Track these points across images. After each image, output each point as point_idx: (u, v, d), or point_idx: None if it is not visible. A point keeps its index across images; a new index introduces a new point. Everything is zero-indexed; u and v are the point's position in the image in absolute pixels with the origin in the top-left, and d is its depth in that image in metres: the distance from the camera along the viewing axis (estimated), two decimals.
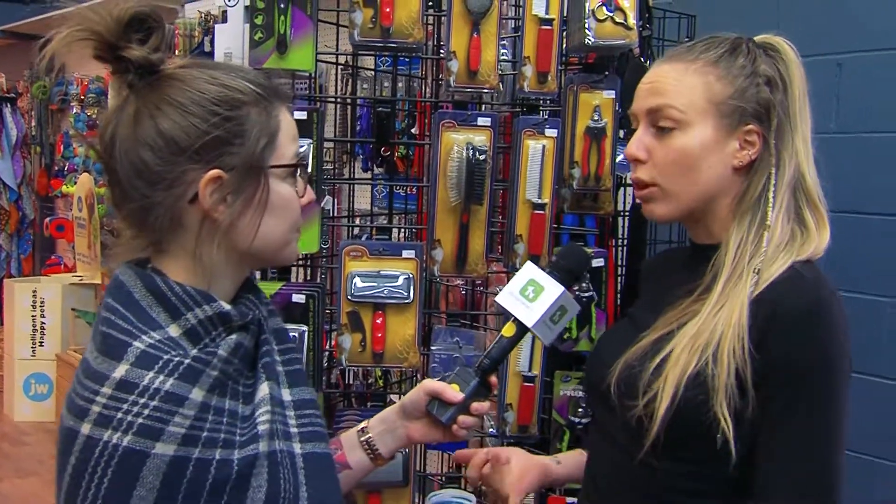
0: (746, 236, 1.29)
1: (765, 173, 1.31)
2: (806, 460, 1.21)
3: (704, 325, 1.25)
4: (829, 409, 1.22)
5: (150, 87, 1.10)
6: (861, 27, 2.63)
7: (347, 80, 3.41)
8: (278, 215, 1.14)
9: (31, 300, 5.92)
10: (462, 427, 1.39)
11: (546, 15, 2.05)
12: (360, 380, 3.15)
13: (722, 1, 2.94)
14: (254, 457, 1.06)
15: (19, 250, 7.95)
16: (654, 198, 1.35)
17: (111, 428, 0.99)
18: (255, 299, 1.20)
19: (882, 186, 2.59)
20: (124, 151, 1.08)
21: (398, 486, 2.02)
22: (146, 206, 1.08)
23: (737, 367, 1.21)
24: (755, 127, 1.30)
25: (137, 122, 1.08)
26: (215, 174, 1.08)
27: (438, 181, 2.01)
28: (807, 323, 1.21)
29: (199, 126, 1.07)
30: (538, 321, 1.37)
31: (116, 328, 1.05)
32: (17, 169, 7.77)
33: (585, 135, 2.10)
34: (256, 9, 1.95)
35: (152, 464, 0.99)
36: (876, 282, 2.58)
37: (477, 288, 2.84)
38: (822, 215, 1.32)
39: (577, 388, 2.19)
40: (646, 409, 1.24)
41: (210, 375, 1.05)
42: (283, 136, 1.14)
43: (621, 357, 1.32)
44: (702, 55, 1.32)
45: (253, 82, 1.13)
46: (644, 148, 1.33)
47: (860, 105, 2.62)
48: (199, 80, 1.10)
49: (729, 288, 1.26)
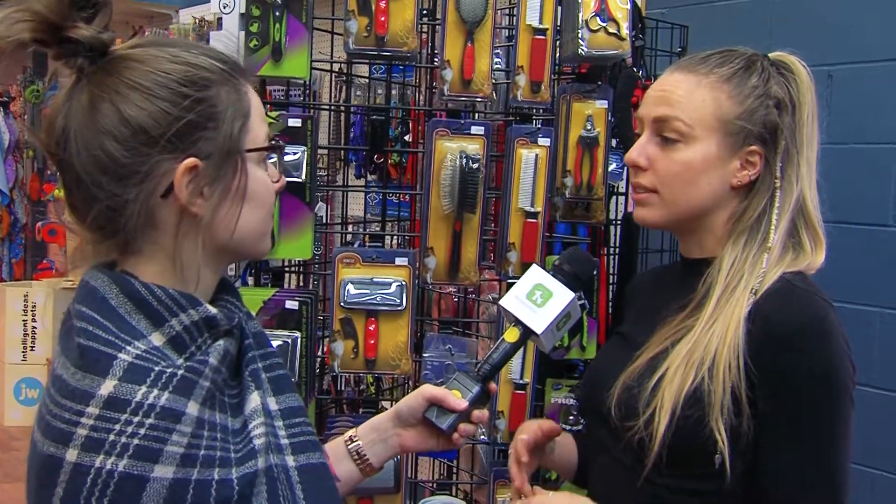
0: (742, 255, 1.29)
1: (765, 195, 1.31)
2: (813, 471, 1.20)
3: (698, 341, 1.24)
4: (833, 419, 1.21)
5: (104, 71, 0.98)
6: (852, 39, 2.65)
7: (341, 87, 3.42)
8: (255, 204, 1.04)
9: (22, 304, 5.89)
10: (462, 435, 1.32)
11: (539, 25, 2.07)
12: (351, 386, 3.15)
13: (714, 12, 2.96)
14: (253, 475, 0.97)
15: (11, 254, 7.92)
16: (650, 203, 1.34)
17: (103, 452, 0.88)
18: (234, 301, 1.11)
19: (873, 197, 2.60)
20: (83, 144, 0.96)
21: (390, 492, 2.02)
22: (115, 206, 0.97)
23: (732, 383, 1.20)
24: (758, 148, 1.30)
25: (95, 109, 0.96)
26: (191, 163, 0.97)
27: (432, 189, 2.02)
28: (802, 335, 1.21)
29: (168, 111, 0.96)
30: (547, 327, 1.32)
31: (96, 339, 0.93)
32: (10, 173, 7.74)
33: (578, 144, 2.11)
34: (252, 16, 1.95)
35: (152, 489, 0.88)
36: (866, 292, 2.59)
37: (469, 295, 2.84)
38: (819, 237, 1.32)
39: (569, 396, 2.19)
40: (646, 430, 1.23)
41: (203, 387, 0.95)
42: (255, 117, 1.04)
43: (619, 378, 1.31)
44: (716, 69, 1.31)
45: (217, 59, 1.02)
46: (646, 156, 1.33)
47: (851, 116, 2.64)
48: (160, 59, 0.98)
49: (722, 304, 1.26)
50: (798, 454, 1.20)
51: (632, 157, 1.34)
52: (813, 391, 1.20)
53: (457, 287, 2.72)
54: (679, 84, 1.32)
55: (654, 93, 1.34)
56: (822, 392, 1.20)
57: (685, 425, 1.21)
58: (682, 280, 1.37)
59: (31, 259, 7.96)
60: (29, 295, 5.92)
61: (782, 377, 1.20)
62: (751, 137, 1.30)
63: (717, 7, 2.99)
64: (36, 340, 5.89)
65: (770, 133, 1.30)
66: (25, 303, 5.90)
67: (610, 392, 1.31)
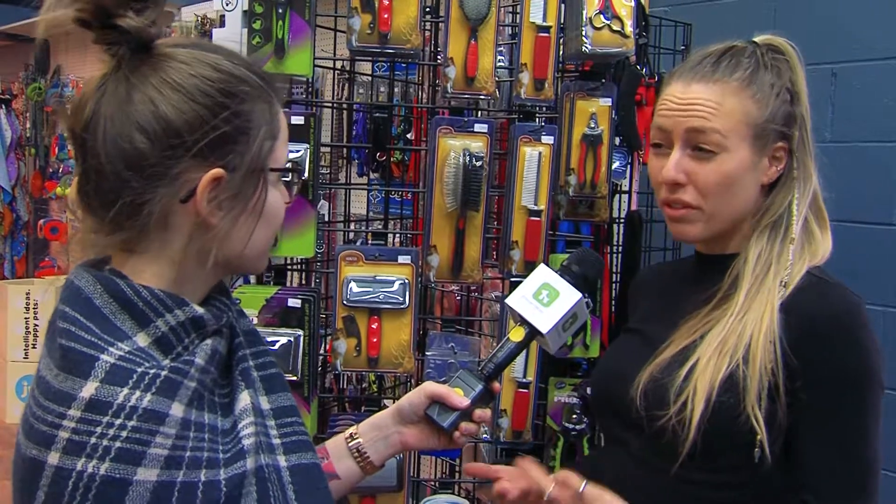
0: (768, 247, 1.30)
1: (791, 188, 1.32)
2: (851, 463, 1.22)
3: (731, 329, 1.25)
4: (871, 411, 1.24)
5: (146, 65, 0.97)
6: (856, 37, 2.64)
7: (344, 85, 3.42)
8: (267, 222, 1.04)
9: (24, 302, 5.90)
10: (463, 434, 1.31)
11: (543, 22, 2.06)
12: (353, 385, 3.15)
13: (718, 10, 2.95)
14: (241, 476, 0.95)
15: (13, 252, 7.93)
16: (693, 220, 1.33)
17: (84, 455, 0.87)
18: (225, 300, 1.09)
19: (876, 195, 2.60)
20: (112, 132, 0.94)
21: (392, 490, 2.02)
22: (136, 203, 0.95)
23: (770, 369, 1.21)
24: (783, 144, 1.32)
25: (130, 101, 0.95)
26: (217, 174, 0.96)
27: (435, 187, 2.02)
28: (844, 328, 1.23)
29: (205, 118, 0.95)
30: (553, 327, 1.30)
31: (79, 341, 0.92)
32: (12, 171, 7.75)
33: (582, 142, 2.10)
34: (255, 13, 1.95)
35: (135, 492, 0.87)
36: (870, 290, 2.57)
37: (472, 294, 2.84)
38: (825, 223, 1.34)
39: (572, 395, 2.19)
40: (678, 417, 1.22)
41: (188, 387, 0.94)
42: (282, 139, 1.05)
43: (643, 370, 1.30)
44: (733, 74, 1.31)
45: (258, 75, 1.02)
46: (683, 171, 1.31)
47: (855, 114, 2.64)
48: (203, 64, 0.98)
49: (752, 294, 1.27)
50: (830, 446, 1.22)
51: (670, 175, 1.31)
52: (856, 379, 1.23)
53: (460, 285, 2.71)
54: (705, 95, 1.30)
55: (679, 105, 1.32)
56: (863, 381, 1.23)
57: (721, 410, 1.21)
58: (702, 275, 1.37)
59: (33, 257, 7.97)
60: (31, 292, 5.93)
61: (822, 369, 1.22)
62: (776, 135, 1.31)
63: (720, 5, 2.98)
64: (38, 338, 5.89)
65: (788, 126, 1.32)
66: (27, 300, 5.91)
67: (632, 385, 1.30)
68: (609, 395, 1.39)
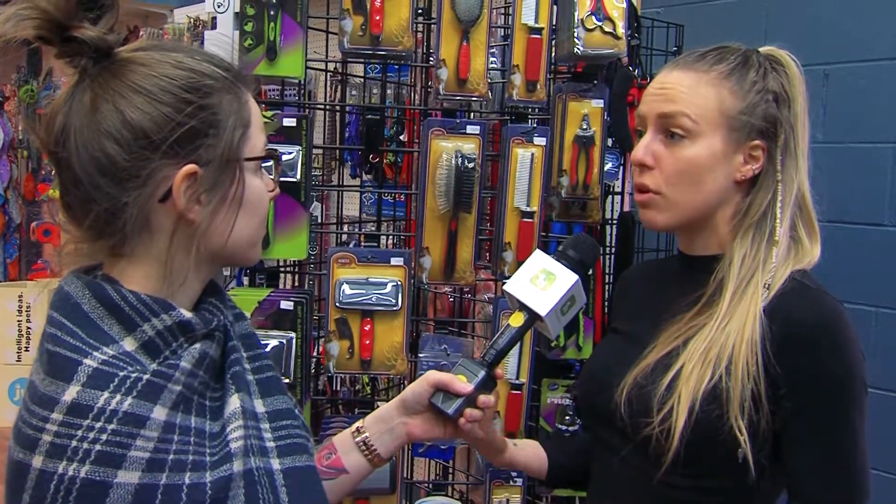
0: (752, 250, 1.29)
1: (770, 189, 1.31)
2: (839, 468, 1.22)
3: (714, 339, 1.24)
4: (857, 416, 1.23)
5: (108, 73, 0.98)
6: (848, 38, 2.65)
7: (336, 87, 3.41)
8: (250, 212, 1.05)
9: (16, 305, 5.88)
10: (469, 420, 1.29)
11: (535, 24, 2.06)
12: (347, 387, 3.15)
13: (710, 11, 2.96)
14: (227, 478, 0.95)
15: (5, 255, 7.90)
16: (656, 205, 1.34)
17: (66, 459, 0.88)
18: (219, 303, 1.10)
19: (868, 196, 2.60)
20: (82, 144, 0.96)
21: (385, 493, 2.01)
22: (113, 209, 0.97)
23: (751, 381, 1.20)
24: (761, 143, 1.31)
25: (97, 110, 0.96)
26: (191, 170, 0.97)
27: (427, 189, 2.02)
28: (828, 335, 1.22)
29: (171, 116, 0.96)
30: (552, 310, 1.30)
31: (64, 345, 0.94)
32: (4, 173, 7.72)
33: (574, 143, 2.11)
34: (246, 15, 1.95)
35: (116, 495, 0.88)
36: (862, 291, 2.59)
37: (465, 295, 2.84)
38: (815, 230, 1.33)
39: (565, 396, 2.19)
40: (661, 427, 1.22)
41: (173, 391, 0.95)
42: (255, 126, 1.05)
43: (627, 376, 1.30)
44: (715, 66, 1.31)
45: (220, 66, 1.03)
46: (652, 154, 1.32)
47: (846, 115, 2.64)
48: (163, 64, 0.99)
49: (736, 300, 1.26)
50: (821, 453, 1.22)
51: (638, 156, 1.33)
52: (839, 385, 1.22)
53: (452, 287, 2.72)
54: (681, 81, 1.32)
55: (656, 90, 1.34)
56: (848, 386, 1.22)
57: (704, 421, 1.21)
58: (686, 277, 1.36)
59: (25, 259, 7.93)
60: (24, 295, 5.90)
61: (806, 376, 1.21)
62: (753, 131, 1.31)
63: (712, 6, 2.99)
64: (30, 341, 5.86)
65: (770, 126, 1.31)
66: (20, 303, 5.88)
67: (617, 390, 1.30)
68: (594, 401, 1.39)
